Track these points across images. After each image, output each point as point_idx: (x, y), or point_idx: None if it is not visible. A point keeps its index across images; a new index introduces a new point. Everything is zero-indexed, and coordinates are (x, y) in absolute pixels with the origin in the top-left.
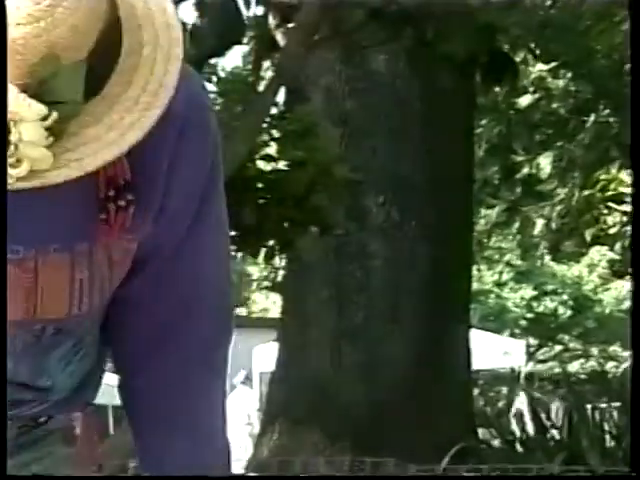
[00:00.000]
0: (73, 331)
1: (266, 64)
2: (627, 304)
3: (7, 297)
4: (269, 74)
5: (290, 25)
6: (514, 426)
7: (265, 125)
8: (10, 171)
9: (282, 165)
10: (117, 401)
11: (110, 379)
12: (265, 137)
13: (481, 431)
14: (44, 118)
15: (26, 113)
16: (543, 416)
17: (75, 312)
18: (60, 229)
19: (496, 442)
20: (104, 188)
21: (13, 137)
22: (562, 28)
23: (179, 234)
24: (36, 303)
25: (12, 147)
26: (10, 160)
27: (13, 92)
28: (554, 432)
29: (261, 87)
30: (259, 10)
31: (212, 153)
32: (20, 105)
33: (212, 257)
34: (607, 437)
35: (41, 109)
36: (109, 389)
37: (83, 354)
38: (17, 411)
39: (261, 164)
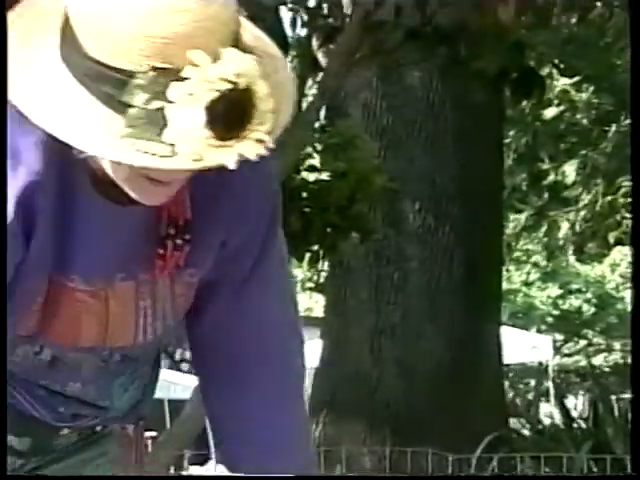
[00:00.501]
0: (136, 359)
1: (309, 82)
2: None
3: (81, 324)
4: (312, 92)
5: (332, 46)
6: (543, 416)
7: (309, 138)
8: (261, 129)
9: (325, 176)
10: (173, 395)
11: (166, 375)
12: (309, 150)
13: (512, 421)
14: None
15: (258, 72)
16: (570, 407)
17: (140, 340)
18: (125, 259)
19: (526, 431)
20: (165, 225)
21: (256, 97)
22: (585, 44)
23: (242, 273)
24: (107, 331)
25: (255, 110)
26: (255, 122)
27: (246, 58)
28: (581, 422)
29: (304, 104)
30: (303, 32)
31: (274, 197)
32: (254, 67)
33: (277, 294)
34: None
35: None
36: (165, 384)
37: (139, 382)
38: (74, 424)
39: (305, 175)
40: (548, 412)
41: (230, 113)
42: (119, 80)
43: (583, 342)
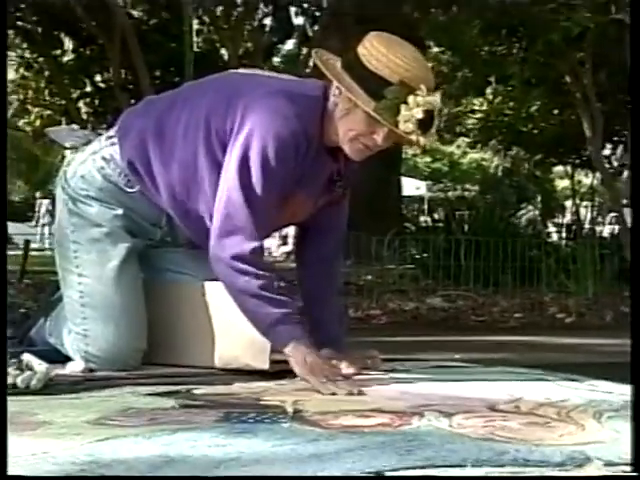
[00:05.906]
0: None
1: None
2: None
3: (297, 212)
4: None
5: None
6: (422, 222)
7: None
8: (433, 135)
9: None
10: None
11: None
12: None
13: (406, 224)
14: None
15: (439, 104)
16: (436, 217)
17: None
18: (318, 187)
19: (413, 228)
20: (335, 174)
21: (436, 117)
22: None
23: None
24: (300, 216)
25: (434, 123)
26: (432, 130)
27: (437, 96)
28: (440, 224)
29: None
30: None
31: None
32: (439, 101)
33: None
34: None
35: None
36: None
37: None
38: None
39: None
40: (423, 220)
41: (427, 120)
42: (383, 84)
43: (442, 185)
